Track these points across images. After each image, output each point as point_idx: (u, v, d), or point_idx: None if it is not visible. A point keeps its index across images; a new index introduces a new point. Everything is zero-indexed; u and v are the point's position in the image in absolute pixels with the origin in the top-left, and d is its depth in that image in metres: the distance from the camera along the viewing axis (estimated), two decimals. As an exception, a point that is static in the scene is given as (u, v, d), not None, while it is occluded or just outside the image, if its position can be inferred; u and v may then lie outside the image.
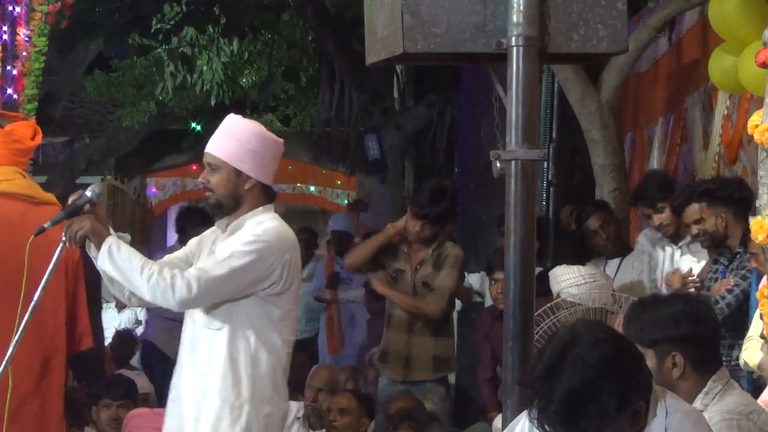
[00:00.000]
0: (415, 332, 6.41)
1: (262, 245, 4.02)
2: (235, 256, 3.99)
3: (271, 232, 4.06)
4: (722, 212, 5.48)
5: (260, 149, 4.08)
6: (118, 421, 5.95)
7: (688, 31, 7.93)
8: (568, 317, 5.34)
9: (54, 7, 5.86)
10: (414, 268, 6.48)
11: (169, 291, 3.92)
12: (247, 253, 4.00)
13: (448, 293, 6.42)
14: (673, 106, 8.36)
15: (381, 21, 4.01)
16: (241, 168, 4.07)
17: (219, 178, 4.09)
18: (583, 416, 2.77)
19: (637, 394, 2.87)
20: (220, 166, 4.08)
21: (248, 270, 4.01)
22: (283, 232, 4.11)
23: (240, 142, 4.07)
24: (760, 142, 4.32)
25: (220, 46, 14.54)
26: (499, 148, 3.94)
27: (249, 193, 4.10)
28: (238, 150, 4.07)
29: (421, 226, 6.37)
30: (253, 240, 4.02)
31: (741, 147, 6.77)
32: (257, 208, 4.12)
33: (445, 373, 6.53)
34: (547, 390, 2.79)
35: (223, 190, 4.10)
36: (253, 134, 4.09)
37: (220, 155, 4.09)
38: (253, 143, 4.07)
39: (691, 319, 3.45)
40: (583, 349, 2.81)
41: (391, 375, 6.53)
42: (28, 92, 5.85)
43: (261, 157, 4.08)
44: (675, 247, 6.36)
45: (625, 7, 3.92)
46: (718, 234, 5.53)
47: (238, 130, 4.10)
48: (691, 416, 3.06)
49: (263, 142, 4.10)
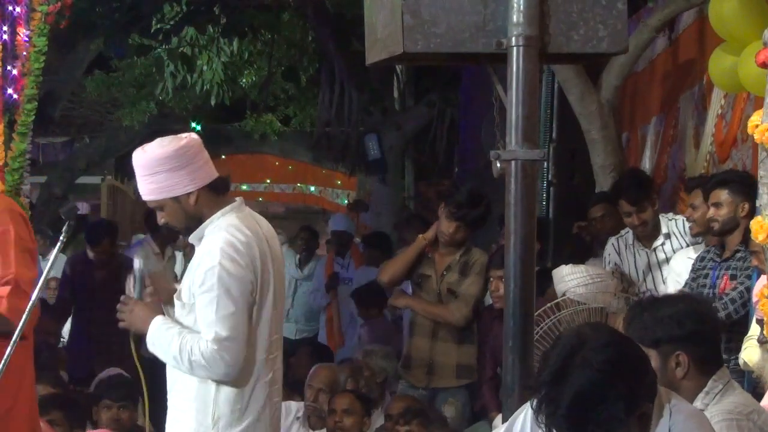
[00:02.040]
0: (438, 339, 6.37)
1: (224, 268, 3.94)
2: (221, 303, 3.93)
3: (225, 249, 3.97)
4: (741, 203, 5.42)
5: (173, 165, 4.00)
6: (119, 422, 5.95)
7: (685, 30, 7.94)
8: (568, 317, 5.33)
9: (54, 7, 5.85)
10: (440, 273, 6.42)
11: (211, 371, 3.96)
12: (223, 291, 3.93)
13: (472, 301, 6.35)
14: (668, 105, 8.38)
15: (381, 21, 4.01)
16: (174, 194, 4.03)
17: (168, 213, 4.09)
18: (591, 420, 2.76)
19: (645, 396, 2.86)
20: (161, 204, 4.07)
21: (239, 299, 3.96)
22: (235, 241, 4.00)
23: (153, 175, 4.01)
24: (760, 142, 4.32)
25: (220, 46, 14.56)
26: (499, 148, 3.94)
27: (199, 204, 4.05)
28: (158, 182, 4.02)
29: (455, 227, 6.31)
30: (217, 273, 3.93)
31: (734, 146, 6.77)
32: (216, 211, 4.06)
33: (467, 380, 6.44)
34: (554, 395, 2.77)
35: (179, 220, 4.09)
36: (156, 160, 4.00)
37: (151, 197, 4.06)
38: (164, 166, 3.99)
39: (694, 318, 3.45)
40: (589, 352, 2.80)
41: (413, 381, 6.48)
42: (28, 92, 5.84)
43: (180, 170, 4.00)
44: (648, 250, 6.33)
45: (625, 7, 3.92)
46: (732, 222, 5.47)
47: (144, 167, 4.03)
48: (695, 417, 3.05)
49: (171, 158, 4.00)
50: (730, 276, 5.43)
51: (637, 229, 6.31)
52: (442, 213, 6.40)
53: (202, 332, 3.95)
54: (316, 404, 6.34)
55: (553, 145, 8.99)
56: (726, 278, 5.43)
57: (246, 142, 17.24)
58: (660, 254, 6.31)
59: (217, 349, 3.91)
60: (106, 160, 16.40)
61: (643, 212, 6.24)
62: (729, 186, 5.44)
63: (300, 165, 19.17)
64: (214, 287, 3.92)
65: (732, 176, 5.62)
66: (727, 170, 6.32)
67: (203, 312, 3.95)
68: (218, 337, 3.91)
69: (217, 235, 4.00)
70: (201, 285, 3.95)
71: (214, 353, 3.91)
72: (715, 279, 5.52)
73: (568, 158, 9.02)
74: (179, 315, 4.07)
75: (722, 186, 5.47)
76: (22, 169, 5.80)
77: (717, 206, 5.45)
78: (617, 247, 6.48)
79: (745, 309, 5.24)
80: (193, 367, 3.94)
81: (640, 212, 6.24)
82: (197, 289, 3.96)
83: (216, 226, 4.04)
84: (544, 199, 9.00)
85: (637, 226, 6.29)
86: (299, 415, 6.36)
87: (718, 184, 5.52)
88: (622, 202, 6.30)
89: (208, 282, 3.93)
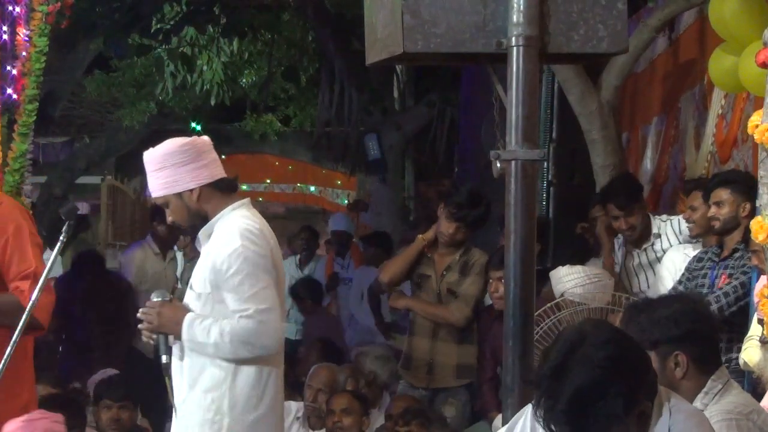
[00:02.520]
0: (438, 339, 6.37)
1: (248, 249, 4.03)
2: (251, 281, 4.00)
3: (244, 233, 4.06)
4: (743, 203, 5.42)
5: (177, 161, 4.09)
6: (119, 422, 5.94)
7: (685, 30, 7.94)
8: (569, 317, 5.33)
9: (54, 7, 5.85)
10: (440, 273, 6.42)
11: (254, 346, 4.01)
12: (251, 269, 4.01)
13: (473, 301, 6.35)
14: (668, 106, 8.38)
15: (381, 21, 4.01)
16: (178, 190, 4.11)
17: (173, 210, 4.17)
18: (590, 416, 2.75)
19: (644, 394, 2.86)
20: (166, 201, 4.16)
21: (266, 275, 4.04)
22: (251, 227, 4.10)
23: (159, 171, 4.12)
24: (760, 142, 4.32)
25: (220, 46, 14.55)
26: (499, 148, 3.94)
27: (202, 201, 4.13)
28: (163, 179, 4.12)
29: (455, 228, 6.33)
30: (242, 254, 4.02)
31: (735, 146, 6.77)
32: (225, 207, 4.14)
33: (468, 380, 6.44)
34: (554, 390, 2.77)
35: (183, 217, 4.17)
36: (161, 156, 4.11)
37: (157, 193, 4.17)
38: (167, 162, 4.09)
39: (690, 317, 3.46)
40: (590, 348, 2.79)
41: (413, 382, 6.48)
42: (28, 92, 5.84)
43: (183, 166, 4.09)
44: (639, 250, 6.36)
45: (625, 7, 3.92)
46: (733, 222, 5.47)
47: (152, 163, 4.14)
48: (695, 417, 3.05)
49: (175, 154, 4.10)
50: (728, 275, 5.43)
51: (625, 233, 6.36)
52: (442, 213, 6.41)
53: (234, 311, 3.99)
54: (316, 404, 6.35)
55: (553, 145, 8.98)
56: (724, 277, 5.43)
57: (246, 142, 17.26)
58: (650, 254, 6.34)
59: (258, 321, 3.98)
60: (106, 160, 16.38)
61: (630, 216, 6.28)
62: (731, 185, 5.44)
63: (300, 165, 19.17)
64: (241, 268, 3.99)
65: (734, 176, 5.63)
66: (729, 170, 6.33)
67: (235, 293, 4.01)
68: (257, 310, 3.98)
69: (231, 223, 4.08)
70: (227, 270, 4.01)
71: (257, 326, 3.97)
72: (713, 279, 5.52)
73: (568, 158, 9.02)
74: (193, 306, 4.12)
75: (725, 185, 5.47)
76: (23, 170, 5.80)
77: (718, 205, 5.45)
78: (616, 247, 6.55)
79: (738, 304, 5.26)
80: (236, 347, 3.98)
81: (627, 216, 6.27)
82: (221, 276, 4.02)
83: (227, 219, 4.11)
84: (544, 199, 8.99)
85: (625, 230, 6.34)
86: (299, 415, 6.37)
87: (720, 183, 5.53)
88: (610, 206, 6.34)
89: (234, 265, 4.00)
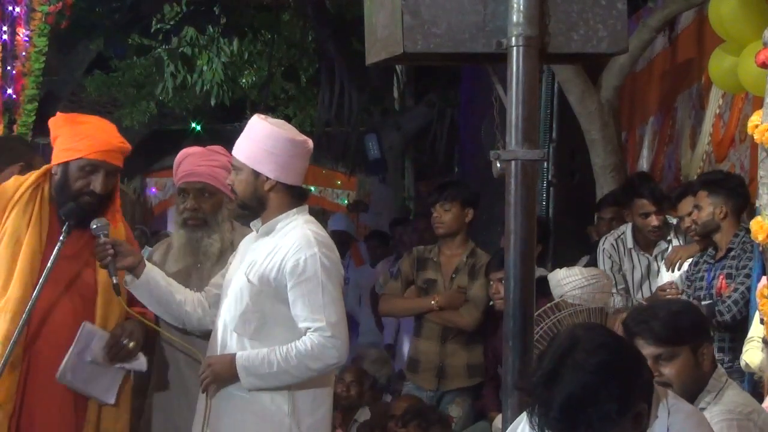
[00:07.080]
0: (447, 342, 6.33)
1: (325, 257, 4.03)
2: (326, 290, 4.00)
3: (320, 241, 4.05)
4: (722, 203, 5.41)
5: (277, 150, 4.06)
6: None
7: (684, 30, 7.94)
8: (568, 317, 5.33)
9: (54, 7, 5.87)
10: (449, 277, 6.36)
11: (324, 360, 3.99)
12: (326, 277, 4.00)
13: (482, 304, 6.29)
14: (665, 105, 8.38)
15: (381, 21, 4.01)
16: (259, 169, 4.07)
17: (239, 180, 4.11)
18: (583, 422, 2.75)
19: (639, 396, 2.85)
20: (240, 168, 4.11)
21: (338, 288, 4.05)
22: (325, 238, 4.11)
23: (257, 144, 4.08)
24: (760, 142, 4.33)
25: (220, 46, 14.58)
26: (499, 148, 3.93)
27: (271, 194, 4.10)
28: (255, 152, 4.07)
29: (438, 209, 6.29)
30: (320, 260, 4.01)
31: (732, 145, 6.77)
32: (288, 210, 4.11)
33: (479, 378, 6.37)
34: (546, 396, 2.77)
35: (244, 191, 4.11)
36: (269, 136, 4.07)
37: (239, 157, 4.11)
38: (269, 145, 4.06)
39: (697, 313, 3.57)
40: (581, 354, 2.79)
41: (422, 385, 6.40)
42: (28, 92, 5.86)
43: (278, 158, 4.06)
44: (650, 257, 6.23)
45: (625, 7, 3.92)
46: (712, 224, 5.45)
47: (256, 132, 4.10)
48: (694, 416, 3.05)
49: (280, 143, 4.07)
50: (726, 275, 5.42)
51: (654, 231, 6.15)
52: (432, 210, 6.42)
53: (304, 318, 3.97)
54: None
55: (553, 145, 8.99)
56: (722, 278, 5.42)
57: (246, 142, 17.24)
58: (661, 262, 6.17)
59: (330, 335, 3.96)
60: (106, 160, 16.37)
61: (661, 214, 6.12)
62: (708, 187, 5.45)
63: (300, 165, 19.15)
64: (317, 274, 3.98)
65: (711, 177, 5.62)
66: (709, 171, 6.31)
67: (307, 298, 3.99)
68: (330, 322, 3.97)
69: (303, 228, 4.06)
70: (300, 273, 3.99)
71: (327, 340, 3.96)
72: (710, 280, 5.51)
73: (568, 158, 9.02)
74: (246, 299, 4.06)
75: (703, 188, 5.49)
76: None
77: (698, 208, 5.48)
78: (617, 247, 6.36)
79: (747, 309, 5.22)
80: (307, 365, 3.96)
81: (659, 213, 6.10)
82: (293, 277, 3.99)
83: (293, 221, 4.09)
84: (544, 199, 9.00)
85: (656, 227, 6.13)
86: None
87: (700, 185, 5.55)
88: (642, 202, 6.12)
89: (309, 269, 3.99)
